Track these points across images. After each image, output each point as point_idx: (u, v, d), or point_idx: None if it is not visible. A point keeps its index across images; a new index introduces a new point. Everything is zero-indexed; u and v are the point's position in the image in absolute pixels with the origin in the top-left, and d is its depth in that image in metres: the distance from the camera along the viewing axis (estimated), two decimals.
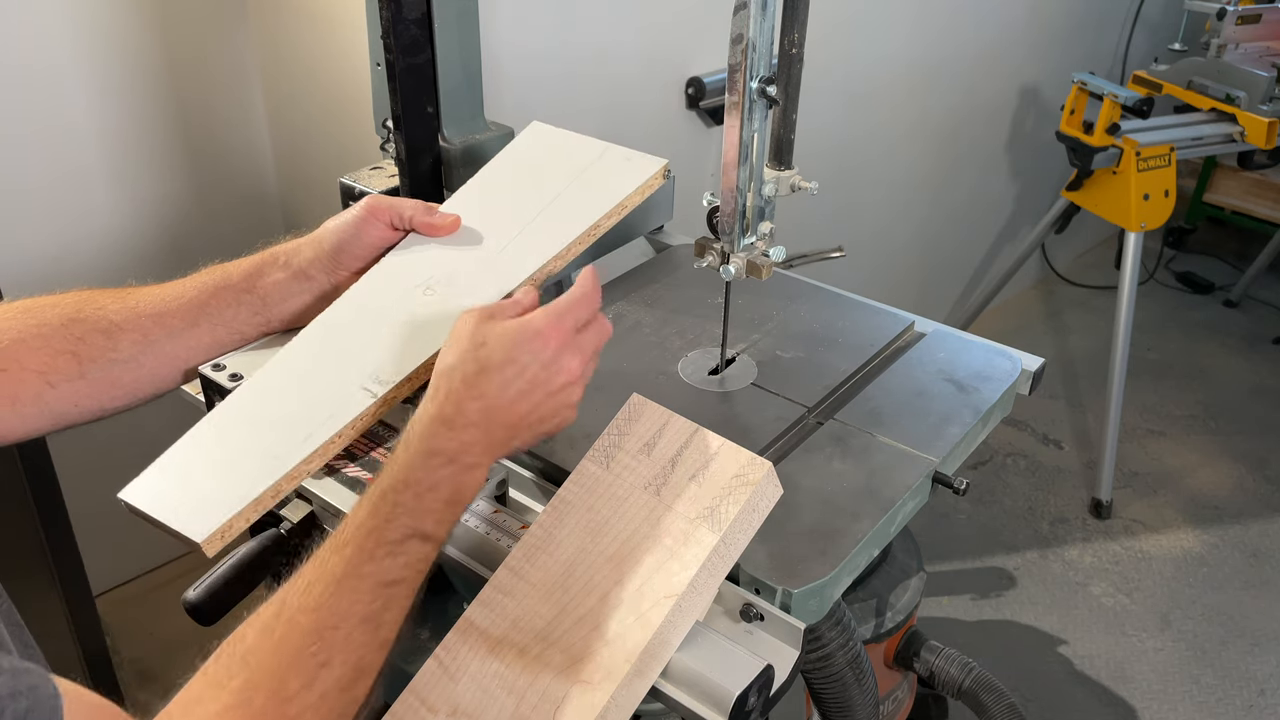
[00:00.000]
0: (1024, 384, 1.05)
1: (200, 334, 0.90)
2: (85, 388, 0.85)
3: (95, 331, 0.85)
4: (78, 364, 0.84)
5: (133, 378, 0.87)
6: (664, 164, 1.06)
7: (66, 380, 0.83)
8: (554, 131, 1.12)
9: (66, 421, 0.85)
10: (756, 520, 0.76)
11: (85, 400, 0.85)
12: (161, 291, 0.90)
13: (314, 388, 0.87)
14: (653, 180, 1.05)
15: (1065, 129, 2.45)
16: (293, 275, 0.93)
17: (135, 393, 0.88)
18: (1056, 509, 2.51)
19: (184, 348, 0.90)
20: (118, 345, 0.86)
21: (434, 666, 0.71)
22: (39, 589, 1.42)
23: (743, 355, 1.06)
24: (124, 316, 0.87)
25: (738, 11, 0.81)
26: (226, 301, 0.91)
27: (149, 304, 0.88)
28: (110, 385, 0.86)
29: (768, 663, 0.71)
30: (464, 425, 0.73)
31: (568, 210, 1.01)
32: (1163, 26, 3.23)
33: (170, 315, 0.89)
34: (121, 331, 0.86)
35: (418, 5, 1.10)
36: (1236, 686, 2.05)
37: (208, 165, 1.79)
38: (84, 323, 0.85)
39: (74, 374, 0.84)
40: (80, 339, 0.84)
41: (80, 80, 1.59)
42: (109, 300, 0.88)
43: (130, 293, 0.89)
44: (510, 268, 0.96)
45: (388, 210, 0.96)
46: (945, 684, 1.38)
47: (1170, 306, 3.40)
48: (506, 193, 1.05)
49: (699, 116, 1.97)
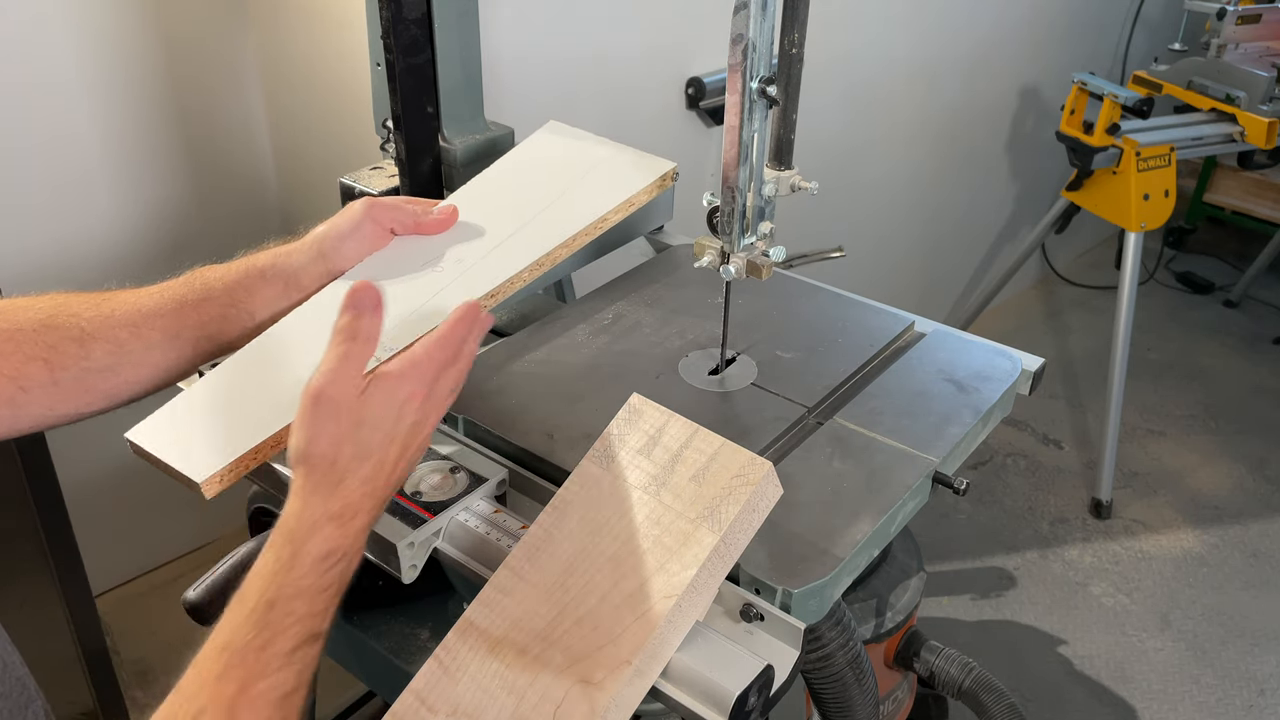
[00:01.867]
0: (1024, 384, 1.05)
1: (182, 346, 0.87)
2: (58, 394, 0.82)
3: (67, 339, 0.83)
4: (49, 371, 0.82)
5: (109, 385, 0.85)
6: (673, 166, 1.10)
7: (39, 386, 0.81)
8: (569, 130, 1.15)
9: (42, 425, 0.84)
10: (756, 520, 0.76)
11: (59, 405, 0.83)
12: (137, 299, 0.87)
13: (323, 346, 0.87)
14: (662, 180, 1.09)
15: (1065, 129, 2.45)
16: (284, 289, 0.91)
17: (113, 398, 0.86)
18: (1056, 509, 2.51)
19: (164, 358, 0.87)
20: (90, 354, 0.83)
21: (434, 666, 0.71)
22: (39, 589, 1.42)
23: (743, 355, 1.06)
24: (97, 325, 0.84)
25: (738, 11, 0.81)
26: (210, 316, 0.88)
27: (125, 312, 0.86)
28: (84, 392, 0.84)
29: (768, 663, 0.71)
30: (353, 515, 0.70)
31: (575, 204, 1.04)
32: (1163, 26, 3.23)
33: (147, 327, 0.86)
34: (94, 340, 0.84)
35: (418, 5, 1.10)
36: (1236, 686, 2.05)
37: (208, 165, 1.79)
38: (56, 330, 0.83)
39: (46, 381, 0.82)
40: (52, 346, 0.82)
41: (80, 81, 1.59)
42: (84, 307, 0.85)
43: (107, 299, 0.86)
44: (515, 254, 0.98)
45: (386, 210, 0.96)
46: (945, 684, 1.38)
47: (1170, 306, 3.40)
48: (514, 187, 1.08)
49: (699, 116, 1.97)
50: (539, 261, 0.98)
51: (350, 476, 0.70)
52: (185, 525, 2.03)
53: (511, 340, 1.07)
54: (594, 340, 1.08)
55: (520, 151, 1.13)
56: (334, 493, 0.69)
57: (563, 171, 1.09)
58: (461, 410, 0.95)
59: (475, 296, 0.93)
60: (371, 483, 0.71)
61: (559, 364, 1.04)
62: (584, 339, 1.08)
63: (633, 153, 1.12)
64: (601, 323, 1.11)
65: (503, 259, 0.98)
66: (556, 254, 0.99)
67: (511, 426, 0.94)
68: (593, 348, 1.07)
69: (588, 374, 1.03)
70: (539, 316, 1.13)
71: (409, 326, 0.90)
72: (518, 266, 0.97)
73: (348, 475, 0.70)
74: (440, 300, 0.93)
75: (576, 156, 1.11)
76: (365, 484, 0.71)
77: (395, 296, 0.92)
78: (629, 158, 1.11)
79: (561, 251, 1.00)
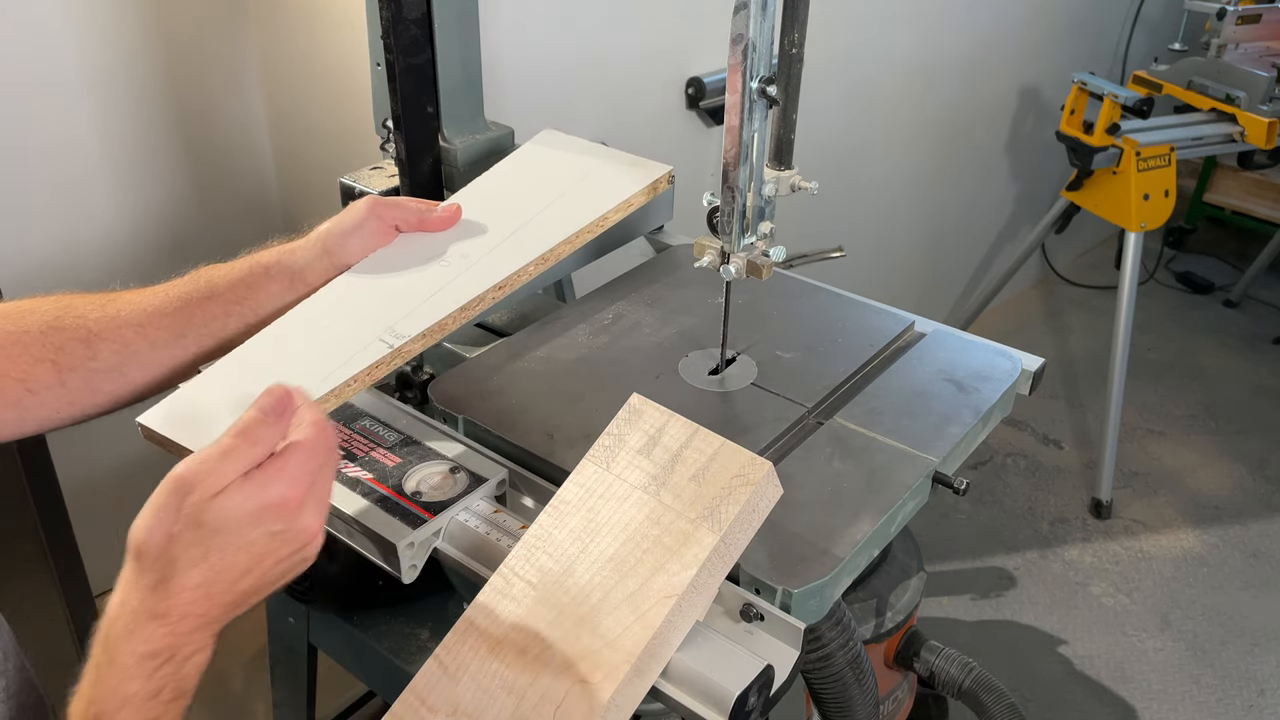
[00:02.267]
0: (1024, 384, 1.05)
1: (187, 344, 0.88)
2: (65, 395, 0.83)
3: (74, 340, 0.83)
4: (57, 373, 0.82)
5: (115, 385, 0.85)
6: (669, 169, 1.11)
7: (46, 388, 0.82)
8: (564, 138, 1.17)
9: (49, 426, 0.84)
10: (756, 520, 0.76)
11: (66, 408, 0.84)
12: (142, 299, 0.87)
13: (333, 336, 0.90)
14: (658, 182, 1.10)
15: (1065, 129, 2.45)
16: (289, 285, 0.92)
17: (119, 398, 0.86)
18: (1056, 509, 2.51)
19: (169, 357, 0.87)
20: (97, 355, 0.84)
21: (434, 667, 0.71)
22: (39, 589, 1.42)
23: (743, 355, 1.06)
24: (104, 325, 0.84)
25: (738, 11, 0.81)
26: (214, 314, 0.88)
27: (130, 312, 0.86)
28: (91, 393, 0.84)
29: (768, 663, 0.71)
30: (180, 617, 0.61)
31: (575, 204, 1.06)
32: (1163, 26, 3.23)
33: (153, 326, 0.86)
34: (101, 341, 0.84)
35: (418, 5, 1.10)
36: (1236, 686, 2.05)
37: (208, 165, 1.79)
38: (63, 331, 0.83)
39: (53, 382, 0.82)
40: (59, 348, 0.82)
41: (80, 81, 1.59)
42: (89, 308, 0.85)
43: (112, 299, 0.87)
44: (521, 249, 1.00)
45: (390, 208, 0.96)
46: (945, 684, 1.39)
47: (1170, 306, 3.40)
48: (514, 189, 1.09)
49: (699, 116, 1.97)
50: (544, 256, 1.00)
51: (180, 577, 0.61)
52: None
53: (511, 340, 1.07)
54: (594, 340, 1.08)
55: (516, 158, 1.15)
56: (158, 590, 0.61)
57: (560, 175, 1.10)
58: (461, 410, 0.95)
59: (484, 289, 0.96)
60: (205, 588, 0.62)
61: (559, 364, 1.04)
62: (584, 339, 1.08)
63: (628, 157, 1.14)
64: (601, 323, 1.11)
65: (509, 254, 0.99)
66: (560, 250, 1.01)
67: (511, 426, 0.94)
68: (593, 348, 1.07)
69: (588, 374, 1.03)
70: (539, 316, 1.13)
71: (418, 317, 0.92)
72: (524, 260, 0.99)
73: (178, 575, 0.61)
74: (449, 293, 0.95)
75: (573, 161, 1.13)
76: (198, 589, 0.62)
77: (402, 289, 0.95)
78: (625, 161, 1.13)
79: (565, 248, 1.01)
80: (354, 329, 0.91)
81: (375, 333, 0.90)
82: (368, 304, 0.93)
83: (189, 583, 0.61)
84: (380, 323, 0.91)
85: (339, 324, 0.91)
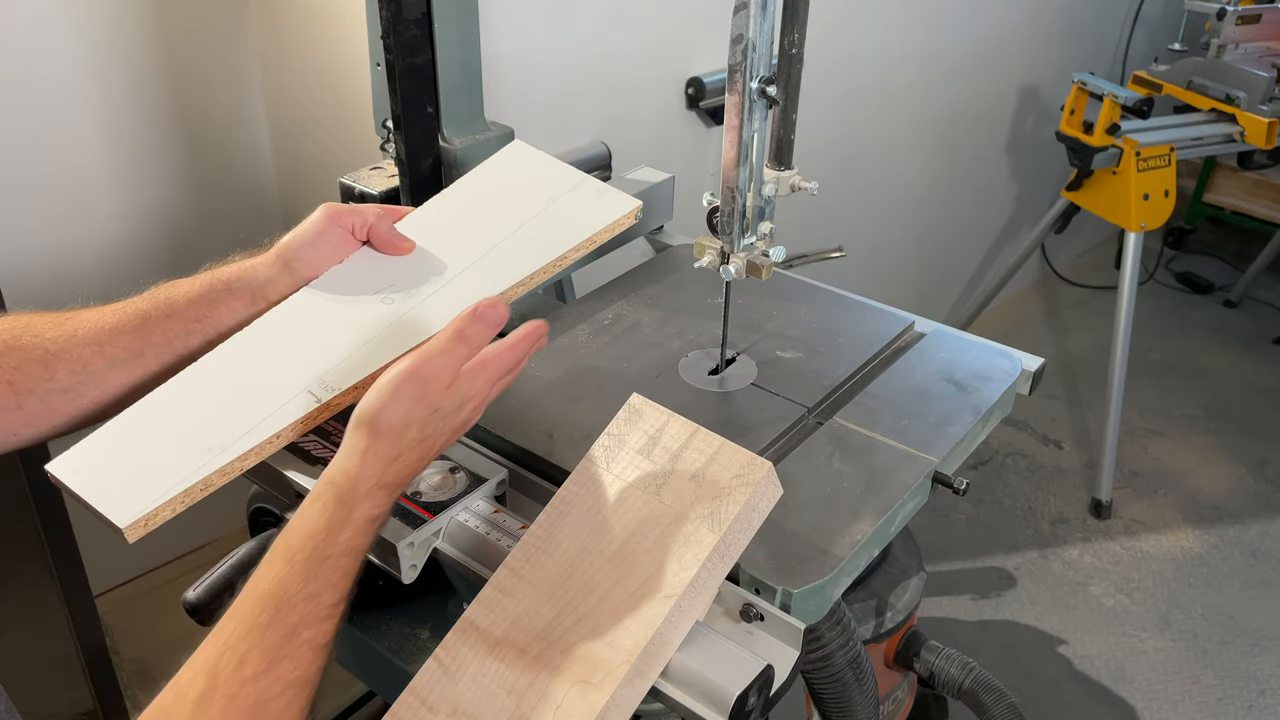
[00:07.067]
0: (1024, 384, 1.05)
1: (146, 362, 0.86)
2: (22, 417, 0.81)
3: (31, 361, 0.81)
4: (14, 394, 0.81)
5: (73, 407, 0.84)
6: (638, 205, 1.04)
7: (3, 411, 0.80)
8: (533, 154, 1.09)
9: (5, 449, 0.82)
10: (756, 520, 0.76)
11: (23, 429, 0.82)
12: (100, 317, 0.86)
13: (258, 384, 0.85)
14: (623, 220, 1.02)
15: (1065, 129, 2.45)
16: (250, 301, 0.90)
17: (76, 419, 0.85)
18: (1056, 509, 2.51)
19: (128, 376, 0.86)
20: (55, 375, 0.82)
21: (434, 666, 0.71)
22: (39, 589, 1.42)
23: (743, 355, 1.06)
24: (61, 345, 0.83)
25: (738, 11, 0.81)
26: (174, 333, 0.87)
27: (88, 331, 0.84)
28: (49, 414, 0.83)
29: (768, 663, 0.71)
30: (395, 489, 0.74)
31: (534, 239, 0.99)
32: (1163, 26, 3.23)
33: (111, 345, 0.84)
34: (58, 361, 0.82)
35: (418, 5, 1.10)
36: (1236, 686, 2.05)
37: (208, 165, 1.79)
38: (20, 351, 0.82)
39: (10, 405, 0.81)
40: (16, 368, 0.81)
41: (80, 81, 1.59)
42: (47, 326, 0.84)
43: (70, 318, 0.85)
44: (469, 290, 0.93)
45: (348, 215, 0.94)
46: (945, 684, 1.38)
47: (1170, 306, 3.40)
48: (475, 213, 1.02)
49: (699, 116, 1.97)
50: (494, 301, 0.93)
51: (408, 454, 0.73)
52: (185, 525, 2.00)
53: None
54: (594, 340, 1.08)
55: (481, 174, 1.07)
56: (391, 464, 0.72)
57: (525, 202, 1.02)
58: None
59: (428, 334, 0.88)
60: (418, 465, 0.75)
61: (559, 364, 1.04)
62: (584, 339, 1.08)
63: (596, 185, 1.05)
64: (601, 323, 1.11)
65: (456, 294, 0.93)
66: (513, 292, 0.95)
67: (511, 426, 0.94)
68: (593, 348, 1.07)
69: (588, 374, 1.03)
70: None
71: (351, 366, 0.86)
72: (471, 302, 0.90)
73: (407, 452, 0.73)
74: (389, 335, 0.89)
75: (540, 188, 1.05)
76: (414, 465, 0.74)
77: (340, 327, 0.89)
78: (593, 191, 1.05)
79: (518, 290, 0.95)
80: (283, 376, 0.85)
81: (304, 382, 0.85)
82: (295, 347, 0.87)
83: (413, 458, 0.74)
84: (310, 370, 0.86)
85: (264, 371, 0.86)
